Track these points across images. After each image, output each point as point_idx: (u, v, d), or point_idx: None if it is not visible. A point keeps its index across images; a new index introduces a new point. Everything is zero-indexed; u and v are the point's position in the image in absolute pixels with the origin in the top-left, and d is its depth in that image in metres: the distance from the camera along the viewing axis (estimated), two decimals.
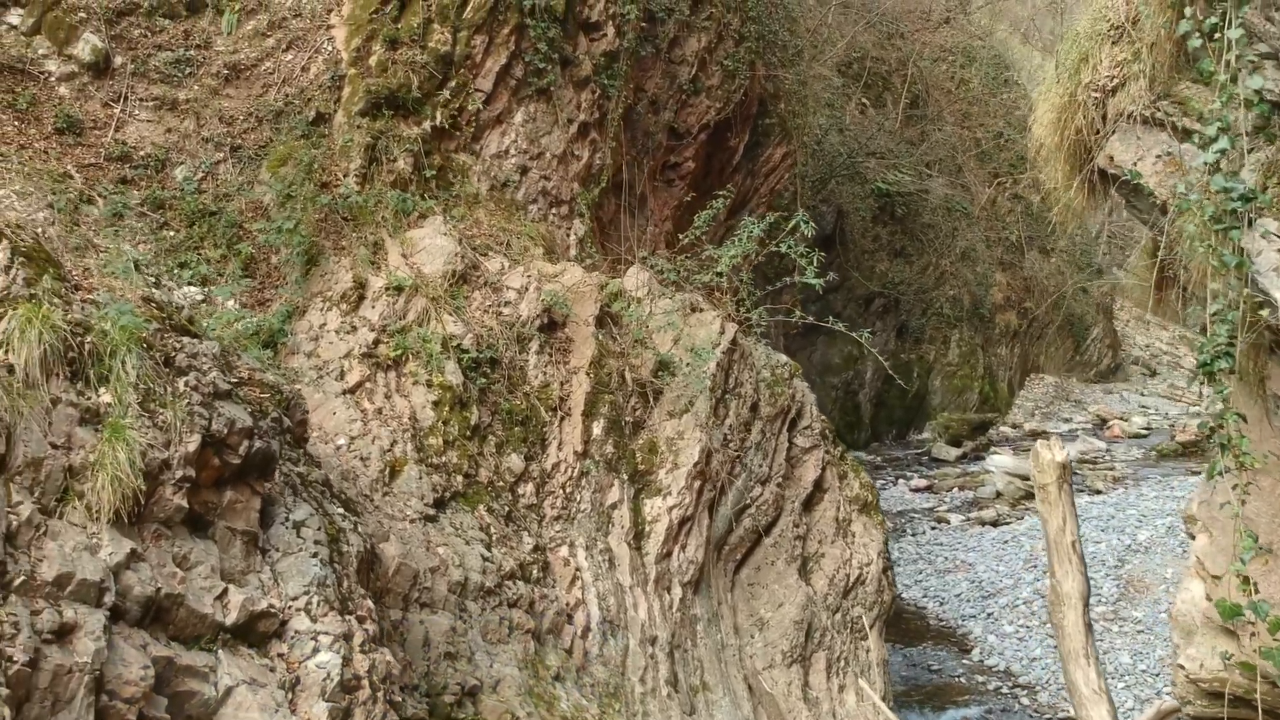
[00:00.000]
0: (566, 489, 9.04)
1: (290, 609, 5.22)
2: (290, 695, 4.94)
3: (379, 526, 7.30)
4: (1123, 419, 27.23)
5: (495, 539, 8.21)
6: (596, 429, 9.31)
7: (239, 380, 5.93)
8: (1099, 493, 19.20)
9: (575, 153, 11.89)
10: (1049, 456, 6.85)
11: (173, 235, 9.31)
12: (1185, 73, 6.23)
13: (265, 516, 5.56)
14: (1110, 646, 12.54)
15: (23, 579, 4.24)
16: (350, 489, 7.44)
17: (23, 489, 4.46)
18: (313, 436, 7.42)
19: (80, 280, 5.75)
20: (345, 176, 9.92)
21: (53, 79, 9.84)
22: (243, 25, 10.78)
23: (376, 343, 8.81)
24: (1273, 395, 5.60)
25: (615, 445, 9.36)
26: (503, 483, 8.72)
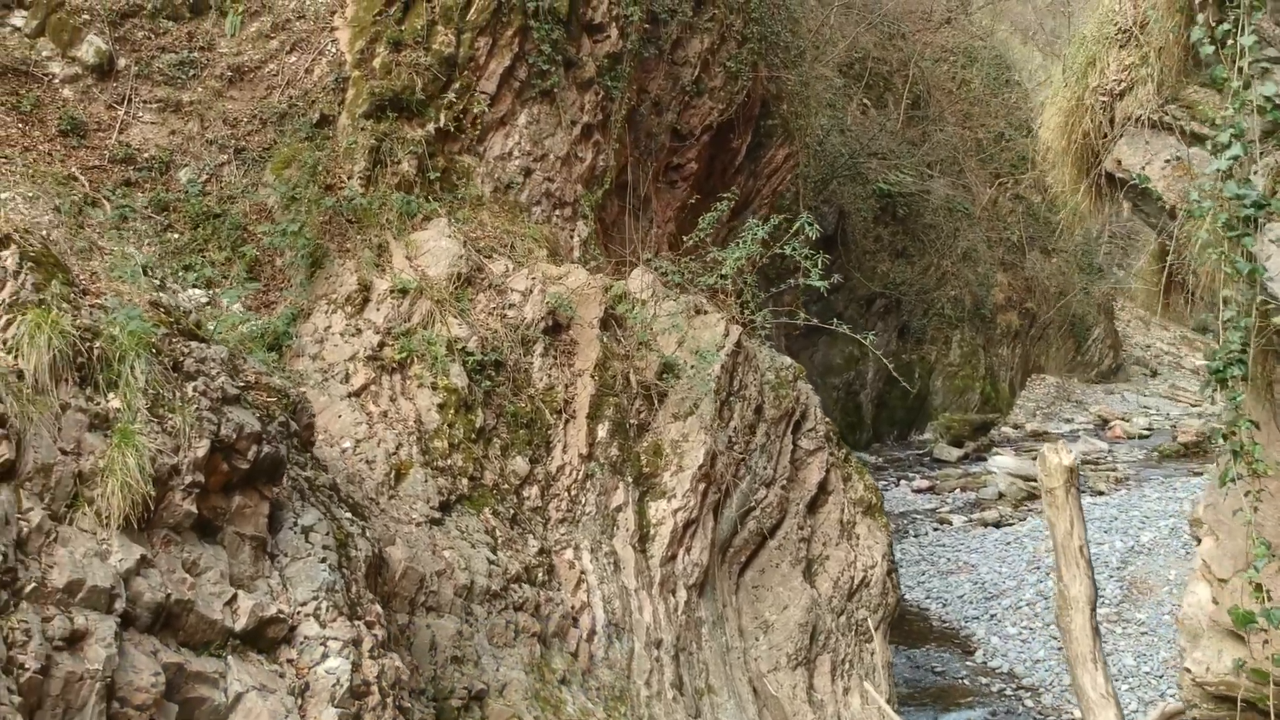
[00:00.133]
0: (571, 492, 9.03)
1: (299, 614, 5.21)
2: (300, 701, 4.93)
3: (385, 530, 7.29)
4: (1124, 419, 27.21)
5: (501, 542, 8.21)
6: (601, 431, 9.31)
7: (246, 384, 5.92)
8: (1101, 494, 19.19)
9: (579, 154, 11.88)
10: (1056, 460, 6.84)
11: (177, 238, 9.30)
12: (1193, 77, 6.23)
13: (273, 521, 5.56)
14: (1114, 648, 12.52)
15: (33, 586, 4.23)
16: (356, 492, 7.44)
17: (33, 495, 4.45)
18: (318, 440, 7.41)
19: (88, 284, 5.73)
20: (349, 179, 9.91)
21: (56, 81, 9.82)
22: (246, 27, 10.76)
23: (381, 345, 8.80)
24: None
25: (620, 448, 9.36)
26: (508, 486, 8.71)
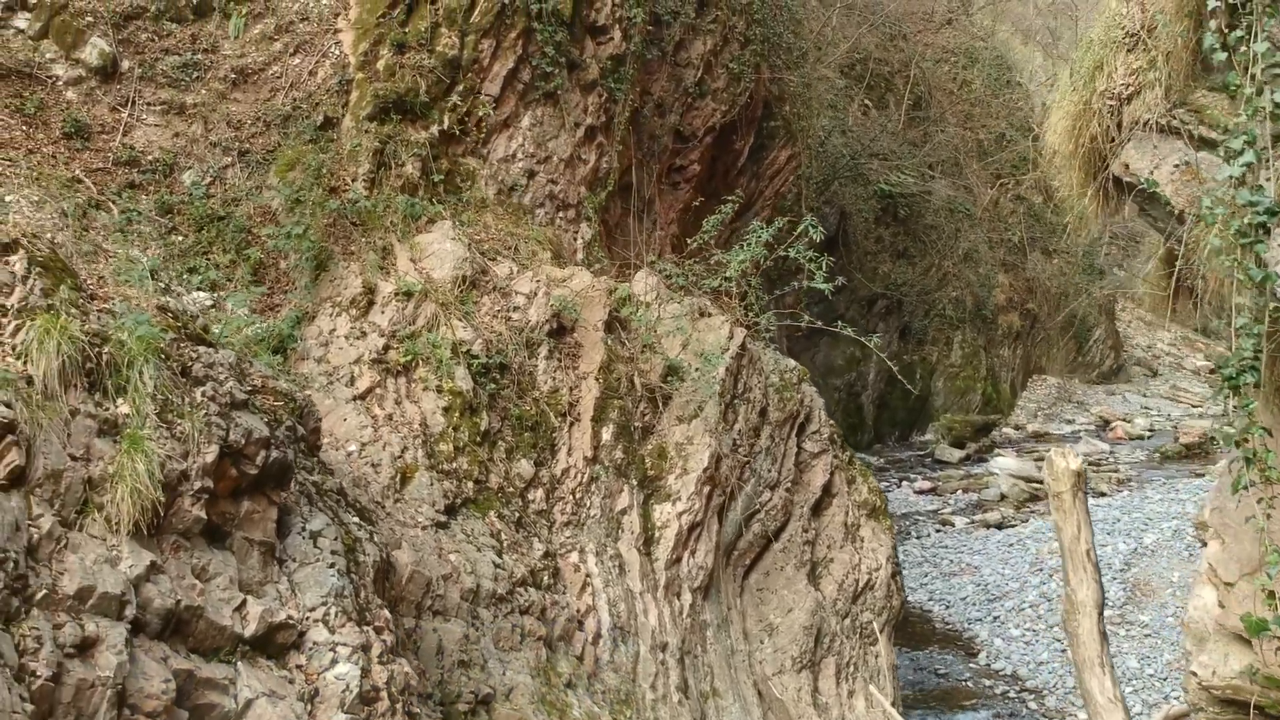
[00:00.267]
0: (576, 495, 9.03)
1: (308, 620, 5.20)
2: (309, 707, 4.92)
3: (391, 534, 7.28)
4: (1125, 420, 27.20)
5: (506, 545, 8.20)
6: (606, 434, 9.30)
7: (253, 388, 5.91)
8: (1103, 495, 19.17)
9: (582, 156, 11.88)
10: (1063, 464, 6.84)
11: (181, 240, 9.28)
12: (1202, 81, 6.22)
13: (282, 526, 5.55)
14: (1117, 651, 12.51)
15: (44, 593, 4.22)
16: (362, 496, 7.43)
17: (43, 501, 4.44)
18: (323, 443, 7.40)
19: (96, 289, 5.72)
20: (353, 181, 9.90)
21: (60, 83, 9.80)
22: (250, 29, 10.73)
23: (386, 348, 8.79)
24: None
25: (625, 451, 9.35)
26: (513, 489, 8.71)
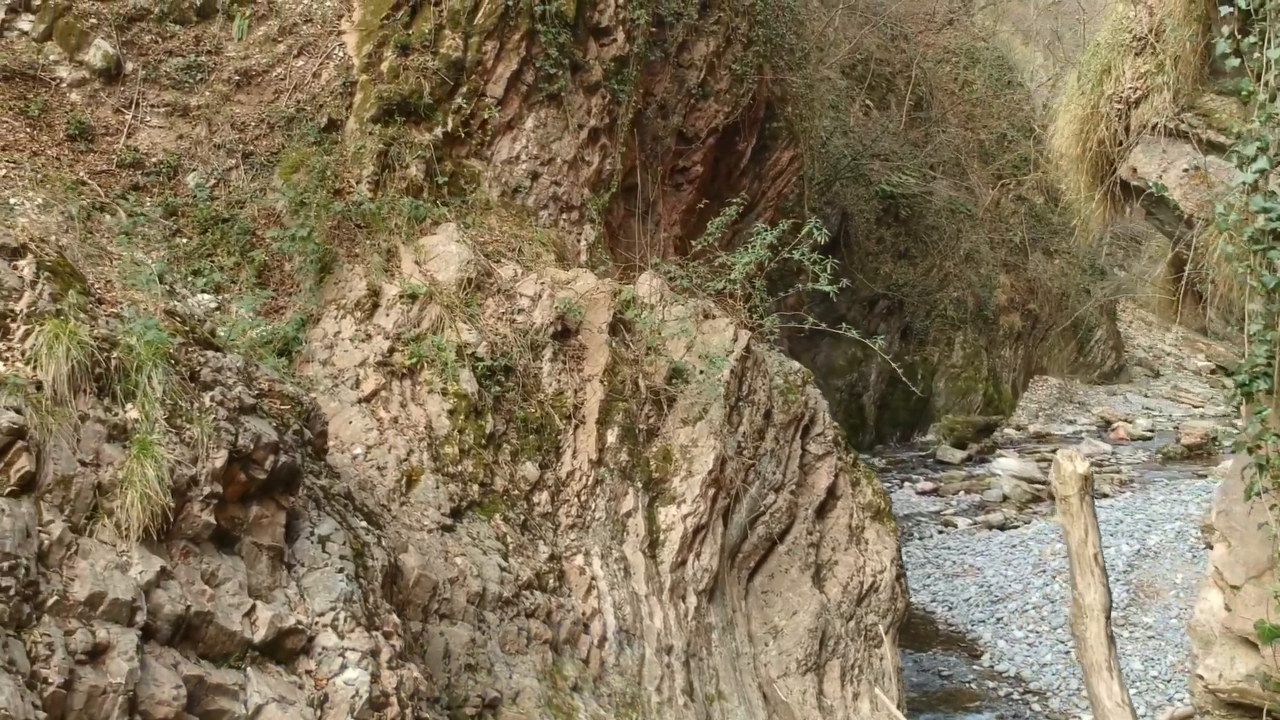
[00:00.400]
0: (581, 497, 9.02)
1: (317, 625, 5.20)
2: (319, 713, 4.92)
3: (397, 537, 7.28)
4: (1127, 421, 27.19)
5: (512, 548, 8.19)
6: (611, 437, 9.29)
7: (260, 392, 5.91)
8: (1106, 496, 19.14)
9: (585, 158, 11.87)
10: (1070, 468, 6.83)
11: (185, 242, 9.27)
12: (1210, 85, 6.22)
13: (290, 531, 5.54)
14: (1121, 653, 12.45)
15: (55, 599, 4.22)
16: (369, 499, 7.42)
17: (53, 507, 4.44)
18: (329, 446, 7.40)
19: (103, 293, 5.72)
20: (358, 183, 9.89)
21: (64, 85, 9.79)
22: (253, 31, 10.72)
23: (391, 351, 8.79)
24: None
25: (629, 453, 9.34)
26: (518, 491, 8.70)
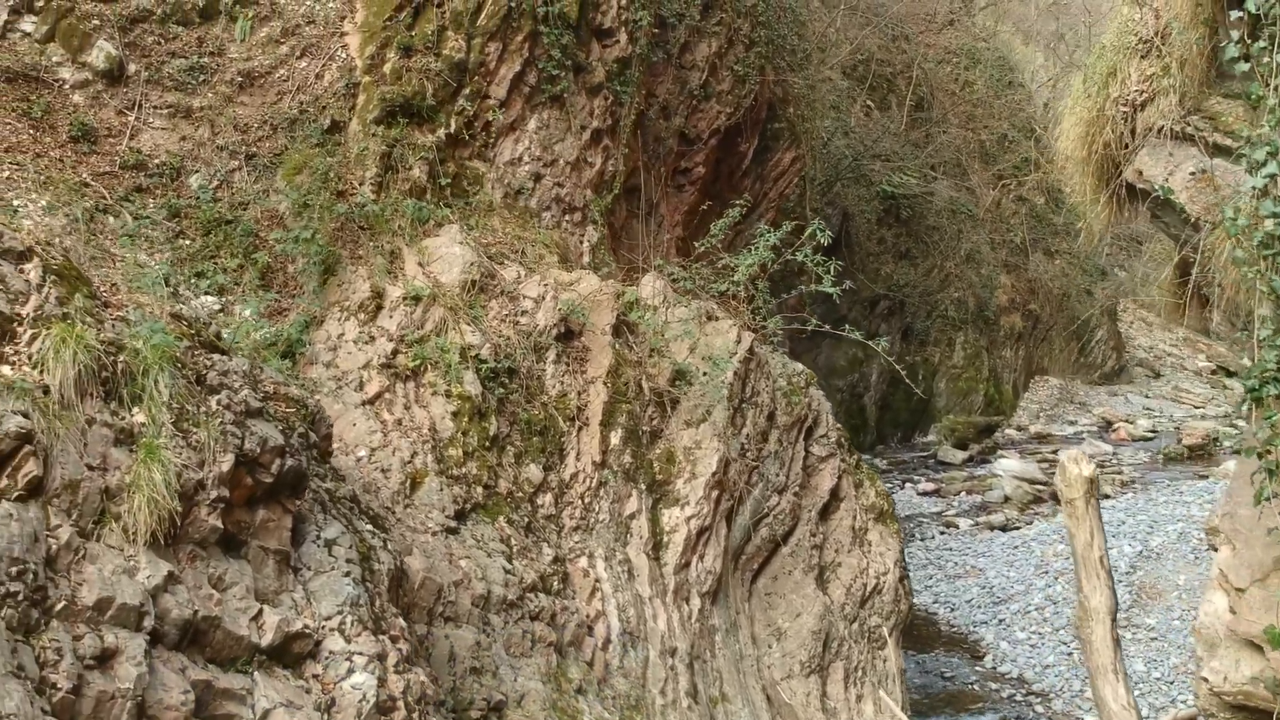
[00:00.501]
0: (585, 499, 9.02)
1: (324, 629, 5.19)
2: (326, 717, 4.91)
3: (402, 540, 7.27)
4: (1128, 421, 27.18)
5: (516, 551, 8.18)
6: (614, 439, 9.28)
7: (266, 395, 5.90)
8: (1108, 497, 19.13)
9: (588, 159, 11.86)
10: (1076, 471, 6.82)
11: (188, 244, 9.26)
12: (1216, 88, 6.22)
13: (296, 535, 5.53)
14: (1124, 654, 12.51)
15: (63, 604, 4.21)
16: (374, 502, 7.41)
17: (60, 512, 4.43)
18: (334, 449, 7.39)
19: (109, 296, 5.71)
20: (361, 185, 9.88)
21: (67, 86, 9.77)
22: (256, 32, 10.71)
23: (395, 353, 8.78)
24: None
25: (633, 455, 9.34)
26: (522, 494, 8.69)
